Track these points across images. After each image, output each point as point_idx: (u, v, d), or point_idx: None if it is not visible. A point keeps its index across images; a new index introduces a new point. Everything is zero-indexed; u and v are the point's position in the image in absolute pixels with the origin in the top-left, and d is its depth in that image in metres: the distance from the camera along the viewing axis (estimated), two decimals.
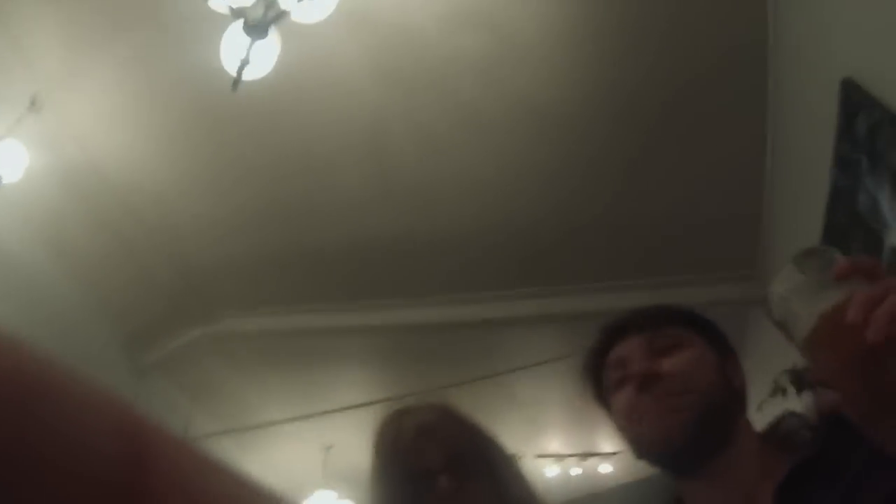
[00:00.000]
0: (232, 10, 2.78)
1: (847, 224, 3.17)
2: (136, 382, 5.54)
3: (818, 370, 0.80)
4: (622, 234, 4.73)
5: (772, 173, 4.11)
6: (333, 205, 4.63)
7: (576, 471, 7.55)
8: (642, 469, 1.21)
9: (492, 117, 4.11)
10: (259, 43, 2.81)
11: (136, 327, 5.37)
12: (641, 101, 3.97)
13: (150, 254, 4.98)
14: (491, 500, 1.22)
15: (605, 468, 7.54)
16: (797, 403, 2.75)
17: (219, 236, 4.87)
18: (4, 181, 3.51)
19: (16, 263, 4.45)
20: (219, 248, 4.95)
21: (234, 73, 2.85)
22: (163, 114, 4.16)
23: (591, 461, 7.56)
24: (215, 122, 4.16)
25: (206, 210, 4.70)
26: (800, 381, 2.86)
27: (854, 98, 2.80)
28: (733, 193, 4.35)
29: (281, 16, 2.80)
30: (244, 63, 2.81)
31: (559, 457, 7.51)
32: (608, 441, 7.20)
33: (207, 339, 5.54)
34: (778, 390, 2.95)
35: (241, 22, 2.79)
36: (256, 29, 2.77)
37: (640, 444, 1.13)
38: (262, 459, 7.21)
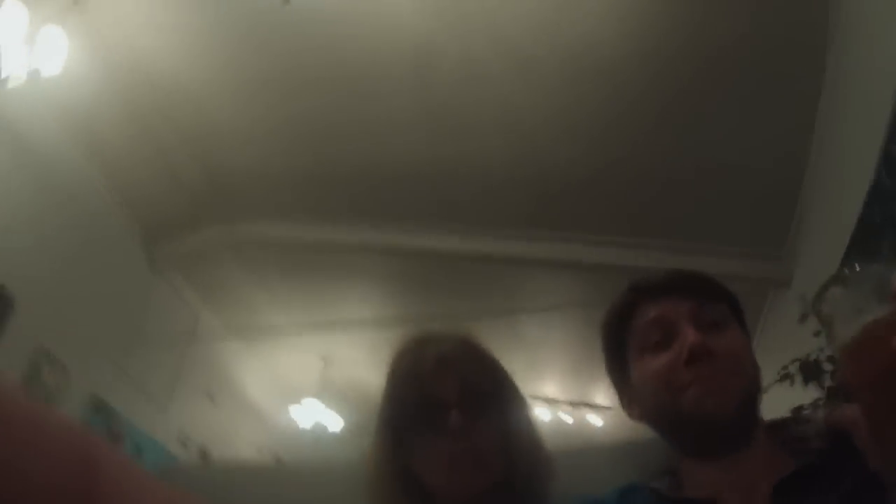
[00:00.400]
0: None
1: (881, 225, 3.11)
2: (150, 276, 5.63)
3: (848, 378, 0.79)
4: (653, 190, 4.67)
5: (817, 158, 4.01)
6: (367, 123, 4.58)
7: (567, 418, 7.64)
8: (632, 428, 1.19)
9: (538, 55, 4.01)
10: None
11: (155, 222, 5.42)
12: (695, 59, 3.86)
13: (178, 152, 4.97)
14: (498, 441, 1.21)
15: (595, 420, 7.64)
16: (802, 394, 2.73)
17: (250, 142, 4.86)
18: (44, 73, 3.46)
19: (43, 149, 4.46)
20: (248, 154, 4.95)
21: None
22: (211, 17, 4.09)
23: (582, 411, 7.65)
24: (262, 31, 4.10)
25: (241, 116, 4.67)
26: (809, 372, 2.84)
27: None
28: (774, 170, 4.25)
29: None
30: None
31: (552, 402, 7.59)
32: (602, 394, 7.28)
33: (225, 240, 5.56)
34: (786, 378, 2.93)
35: None
36: None
37: (668, 415, 1.11)
38: (262, 364, 7.36)
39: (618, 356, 1.21)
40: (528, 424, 1.30)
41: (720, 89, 4.01)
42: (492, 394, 1.24)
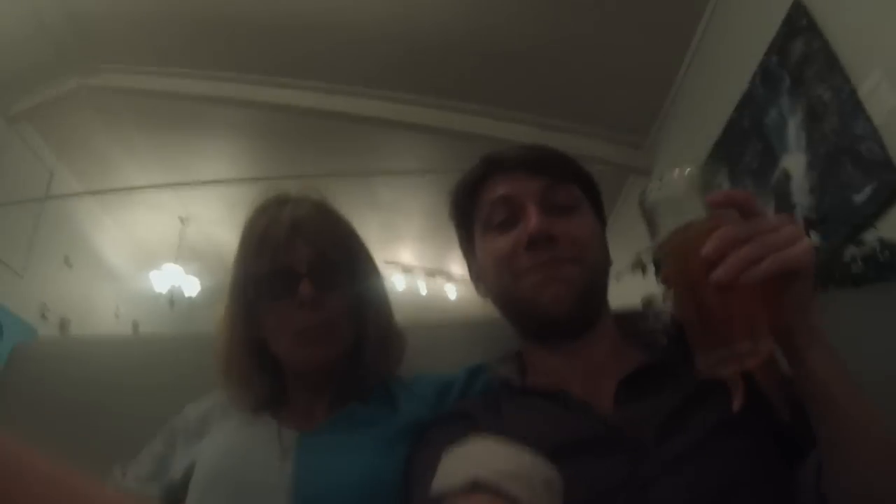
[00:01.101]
0: None
1: (749, 130, 3.27)
2: (5, 128, 5.17)
3: (665, 278, 0.80)
4: (525, 63, 4.59)
5: (694, 57, 4.11)
6: None
7: (422, 288, 7.76)
8: (484, 303, 1.20)
9: None
10: None
11: (12, 70, 4.91)
12: None
13: None
14: (348, 312, 1.20)
15: (451, 290, 7.81)
16: (655, 284, 2.85)
17: None
18: None
19: None
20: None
21: None
22: None
23: (438, 280, 7.81)
24: None
25: None
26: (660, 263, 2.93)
27: (799, 20, 2.80)
28: (650, 62, 4.29)
29: None
30: None
31: (408, 269, 7.70)
32: (458, 264, 7.44)
33: (83, 91, 5.18)
34: (638, 265, 3.01)
35: None
36: None
37: (508, 299, 1.10)
38: (119, 223, 7.07)
39: (466, 229, 1.20)
40: (379, 297, 1.29)
41: None
42: (344, 264, 1.22)
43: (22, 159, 5.42)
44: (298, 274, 1.16)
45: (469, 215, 1.17)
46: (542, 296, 1.03)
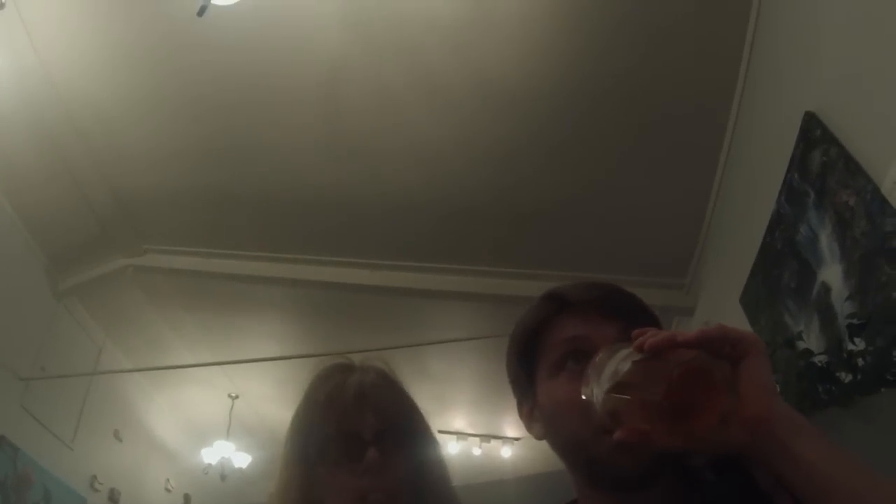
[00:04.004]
0: None
1: (783, 251, 3.26)
2: (54, 305, 5.37)
3: (623, 415, 0.79)
4: (560, 224, 4.75)
5: (720, 189, 4.19)
6: (279, 152, 4.53)
7: (476, 451, 7.66)
8: (541, 456, 1.16)
9: (456, 88, 4.05)
10: None
11: (60, 248, 5.20)
12: (609, 99, 3.97)
13: (86, 172, 4.79)
14: (409, 479, 1.20)
15: (506, 452, 7.69)
16: None
17: (159, 167, 4.73)
18: None
19: None
20: (157, 179, 4.81)
21: None
22: (124, 31, 3.96)
23: (493, 443, 7.69)
24: (176, 48, 4.01)
25: (152, 138, 4.54)
26: None
27: (813, 132, 2.84)
28: (679, 202, 4.41)
29: None
30: None
31: (462, 434, 7.61)
32: (511, 426, 7.32)
33: (131, 270, 5.41)
34: None
35: None
36: None
37: (578, 451, 1.00)
38: (169, 399, 7.16)
39: (525, 369, 1.09)
40: (438, 462, 1.30)
41: (632, 131, 4.12)
42: (409, 432, 1.24)
43: (71, 334, 5.58)
44: (366, 440, 1.17)
45: (530, 354, 1.08)
46: (622, 461, 0.93)
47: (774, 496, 0.79)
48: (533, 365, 1.07)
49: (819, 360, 2.62)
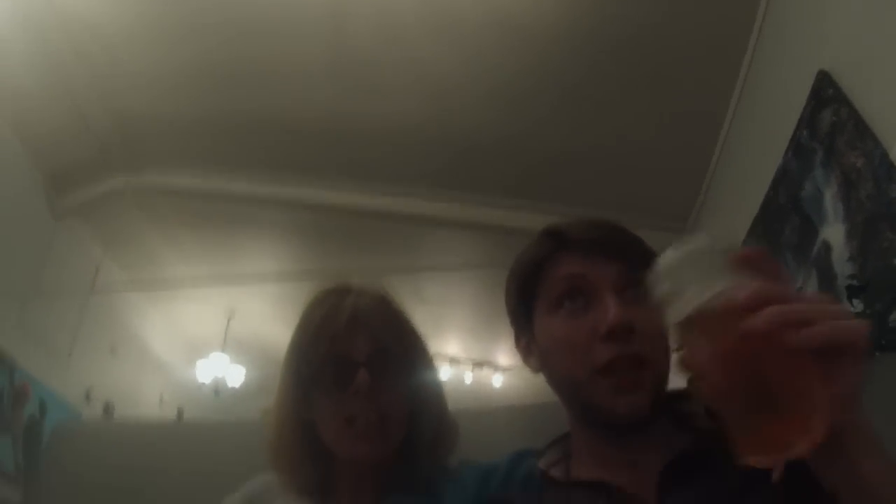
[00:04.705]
0: None
1: (786, 206, 3.25)
2: (52, 224, 5.35)
3: (690, 356, 0.72)
4: (563, 158, 4.70)
5: (727, 139, 4.14)
6: (280, 74, 4.43)
7: (466, 377, 7.75)
8: (530, 387, 1.16)
9: (465, 18, 3.93)
10: None
11: (59, 168, 5.14)
12: (622, 39, 3.88)
13: (86, 93, 4.68)
14: (404, 405, 1.21)
15: (497, 380, 7.79)
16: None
17: (160, 88, 4.63)
18: None
19: None
20: (158, 100, 4.72)
21: None
22: None
23: (485, 371, 7.77)
24: None
25: (153, 59, 4.43)
26: None
27: (826, 91, 2.80)
28: (684, 147, 4.35)
29: None
30: None
31: (454, 360, 7.69)
32: (504, 354, 7.40)
33: (130, 190, 5.37)
34: (681, 349, 2.97)
35: None
36: None
37: (575, 391, 1.03)
38: (165, 316, 7.21)
39: (523, 303, 1.11)
40: (435, 389, 1.30)
41: (643, 73, 4.05)
42: (402, 356, 1.23)
43: (68, 253, 5.58)
44: (356, 363, 1.17)
45: (530, 289, 1.09)
46: (618, 405, 0.96)
47: None
48: (532, 300, 1.09)
49: None
